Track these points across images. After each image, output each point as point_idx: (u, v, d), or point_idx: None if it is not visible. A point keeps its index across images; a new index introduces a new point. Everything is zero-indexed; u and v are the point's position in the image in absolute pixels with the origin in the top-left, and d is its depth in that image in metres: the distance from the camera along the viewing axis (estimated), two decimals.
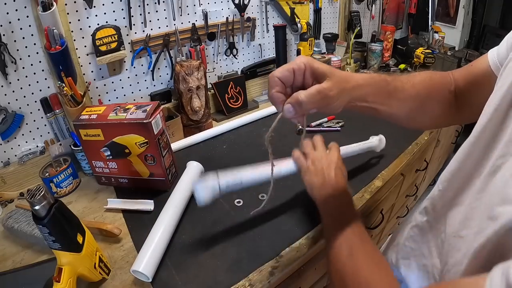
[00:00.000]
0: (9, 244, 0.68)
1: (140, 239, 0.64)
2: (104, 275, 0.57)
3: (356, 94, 0.43)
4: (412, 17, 1.91)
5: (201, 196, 0.55)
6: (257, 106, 1.29)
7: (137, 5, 0.97)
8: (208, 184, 0.55)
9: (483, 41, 2.05)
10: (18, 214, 0.71)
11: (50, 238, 0.47)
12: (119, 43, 0.94)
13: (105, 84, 0.99)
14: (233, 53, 1.25)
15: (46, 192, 0.46)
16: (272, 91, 0.40)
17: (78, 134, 0.75)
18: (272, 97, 0.41)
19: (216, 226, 0.68)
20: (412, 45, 1.72)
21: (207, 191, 0.55)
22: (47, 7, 0.75)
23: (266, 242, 0.64)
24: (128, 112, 0.73)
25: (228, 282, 0.56)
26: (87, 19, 0.89)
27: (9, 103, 0.82)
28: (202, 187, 0.55)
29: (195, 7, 1.10)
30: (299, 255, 0.62)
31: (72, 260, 0.51)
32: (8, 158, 0.85)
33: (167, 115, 1.04)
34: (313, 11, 1.49)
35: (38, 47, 0.82)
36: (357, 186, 0.79)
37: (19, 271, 0.60)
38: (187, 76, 1.00)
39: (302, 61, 0.41)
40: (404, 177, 1.03)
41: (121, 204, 0.75)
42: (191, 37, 1.10)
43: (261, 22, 1.31)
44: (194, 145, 1.01)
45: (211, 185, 0.55)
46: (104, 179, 0.82)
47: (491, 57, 0.48)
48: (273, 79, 0.41)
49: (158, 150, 0.74)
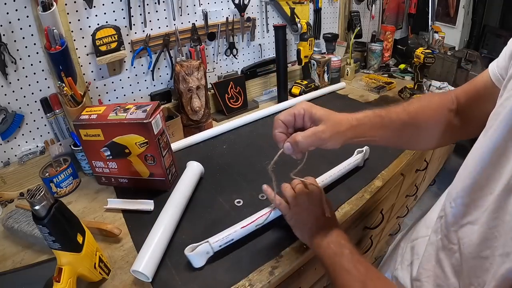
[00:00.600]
0: (9, 244, 0.68)
1: (140, 239, 0.64)
2: (104, 275, 0.57)
3: (351, 135, 0.49)
4: (412, 17, 1.91)
5: (196, 263, 0.58)
6: (257, 106, 1.29)
7: (137, 5, 0.97)
8: (200, 251, 0.58)
9: (483, 41, 2.04)
10: (18, 214, 0.71)
11: (50, 238, 0.47)
12: (119, 43, 0.94)
13: (105, 84, 0.99)
14: (233, 53, 1.25)
15: (46, 192, 0.46)
16: (275, 131, 0.49)
17: (78, 134, 0.75)
18: (275, 136, 0.50)
19: (216, 226, 0.68)
20: (412, 45, 1.72)
21: (201, 258, 0.59)
22: (47, 7, 0.75)
23: (266, 242, 0.64)
24: (128, 112, 0.73)
25: (228, 282, 0.56)
26: (87, 19, 0.89)
27: (9, 103, 0.82)
28: (195, 256, 0.58)
29: (195, 7, 1.10)
30: (299, 255, 0.62)
31: (72, 260, 0.50)
32: (8, 158, 0.85)
33: (167, 115, 1.04)
34: (313, 11, 1.49)
35: (38, 47, 0.82)
36: (357, 186, 0.79)
37: (19, 271, 0.60)
38: (187, 76, 1.00)
39: (302, 107, 0.48)
40: (404, 177, 1.03)
41: (121, 204, 0.75)
42: (191, 37, 1.10)
43: (261, 22, 1.31)
44: (194, 145, 1.01)
45: (204, 251, 0.58)
46: (104, 179, 0.82)
47: (492, 69, 0.49)
48: (277, 121, 0.49)
49: (158, 150, 0.74)
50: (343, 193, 0.77)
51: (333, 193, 0.77)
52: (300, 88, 1.34)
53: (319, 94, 1.34)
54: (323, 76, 1.41)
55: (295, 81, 1.39)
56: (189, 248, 0.58)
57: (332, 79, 1.46)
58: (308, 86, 1.35)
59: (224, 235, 0.60)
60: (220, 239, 0.59)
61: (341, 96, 1.37)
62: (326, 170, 0.85)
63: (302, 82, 1.36)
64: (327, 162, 0.88)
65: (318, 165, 0.86)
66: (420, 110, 0.56)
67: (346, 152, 0.91)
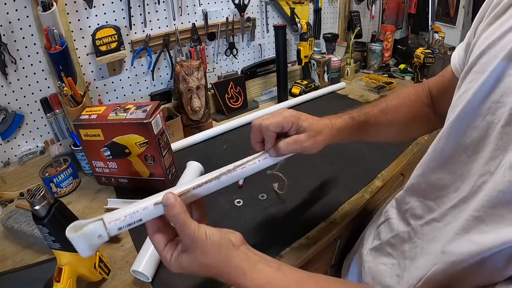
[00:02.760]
0: (9, 244, 0.68)
1: (140, 239, 0.64)
2: (104, 275, 0.57)
3: (331, 141, 0.53)
4: (412, 17, 1.91)
5: (81, 249, 0.37)
6: (257, 106, 1.29)
7: (137, 5, 0.97)
8: (88, 232, 0.37)
9: None
10: (18, 214, 0.71)
11: (50, 238, 0.47)
12: (119, 43, 0.93)
13: (105, 84, 0.99)
14: (233, 53, 1.25)
15: (46, 192, 0.46)
16: (268, 144, 0.48)
17: (78, 134, 0.75)
18: (264, 145, 0.50)
19: (216, 226, 0.68)
20: (412, 45, 1.72)
21: (90, 243, 0.37)
22: (47, 7, 0.75)
23: (266, 242, 0.64)
24: (128, 112, 0.73)
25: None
26: (87, 19, 0.89)
27: (9, 103, 0.82)
28: (80, 239, 0.36)
29: (195, 7, 1.10)
30: (299, 255, 0.62)
31: (72, 260, 0.51)
32: (8, 158, 0.85)
33: (167, 115, 1.04)
34: (313, 11, 1.49)
35: (38, 47, 0.82)
36: (357, 186, 0.79)
37: (19, 271, 0.60)
38: (187, 76, 1.00)
39: (291, 120, 0.48)
40: (404, 177, 1.03)
41: (121, 204, 0.75)
42: (191, 37, 1.10)
43: (261, 22, 1.31)
44: (194, 145, 1.01)
45: (94, 233, 0.37)
46: (104, 179, 0.82)
47: (453, 60, 0.51)
48: (269, 133, 0.48)
49: (158, 150, 0.74)
50: (343, 193, 0.77)
51: (333, 193, 0.77)
52: (300, 88, 1.34)
53: (319, 94, 1.34)
54: (323, 76, 1.41)
55: (295, 81, 1.39)
56: (72, 227, 0.37)
57: (332, 79, 1.46)
58: (308, 86, 1.35)
59: (127, 212, 0.39)
60: (120, 218, 0.38)
61: (341, 96, 1.37)
62: (326, 170, 0.85)
63: (302, 82, 1.36)
64: (327, 162, 0.88)
65: (318, 165, 0.87)
66: (398, 107, 0.59)
67: (346, 152, 0.91)
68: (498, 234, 0.30)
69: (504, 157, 0.32)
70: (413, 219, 0.48)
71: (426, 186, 0.45)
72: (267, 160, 0.49)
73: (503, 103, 0.32)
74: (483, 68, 0.36)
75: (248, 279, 0.38)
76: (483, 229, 0.32)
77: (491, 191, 0.32)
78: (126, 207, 0.40)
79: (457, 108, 0.38)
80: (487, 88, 0.35)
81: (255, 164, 0.48)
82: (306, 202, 0.75)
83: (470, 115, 0.37)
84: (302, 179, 0.81)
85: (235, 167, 0.46)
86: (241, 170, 0.46)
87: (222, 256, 0.38)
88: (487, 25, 0.39)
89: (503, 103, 0.32)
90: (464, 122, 0.38)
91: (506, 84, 0.33)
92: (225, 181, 0.45)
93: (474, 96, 0.36)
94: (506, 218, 0.30)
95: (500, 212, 0.30)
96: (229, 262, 0.38)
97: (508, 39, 0.34)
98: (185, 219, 0.38)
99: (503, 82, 0.33)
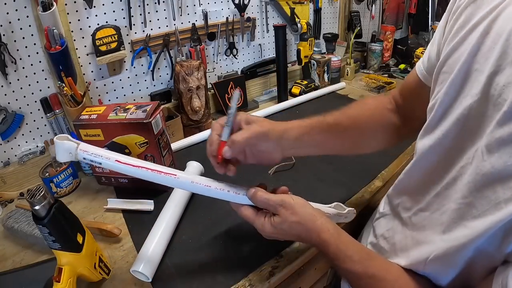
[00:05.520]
0: (9, 244, 0.68)
1: (140, 239, 0.64)
2: (104, 275, 0.57)
3: (288, 135, 0.51)
4: (412, 17, 1.91)
5: (57, 154, 0.48)
6: (257, 106, 1.29)
7: (137, 5, 0.97)
8: (64, 143, 0.48)
9: None
10: (18, 214, 0.71)
11: (50, 238, 0.47)
12: (119, 43, 0.94)
13: (105, 84, 0.99)
14: (233, 53, 1.25)
15: (46, 192, 0.46)
16: None
17: (78, 134, 0.75)
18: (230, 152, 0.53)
19: (216, 226, 0.68)
20: (412, 45, 1.72)
21: (63, 152, 0.48)
22: (47, 7, 0.75)
23: (266, 242, 0.64)
24: (128, 112, 0.73)
25: (228, 282, 0.56)
26: (87, 19, 0.89)
27: (9, 103, 0.82)
28: (57, 145, 0.47)
29: (195, 7, 1.10)
30: (299, 255, 0.62)
31: (72, 260, 0.50)
32: (8, 158, 0.85)
33: (167, 115, 1.04)
34: (313, 11, 1.49)
35: (38, 47, 0.82)
36: (357, 186, 0.79)
37: (19, 271, 0.60)
38: (187, 76, 1.00)
39: (256, 136, 0.50)
40: None
41: (121, 204, 0.75)
42: (191, 37, 1.10)
43: (261, 22, 1.31)
44: (194, 145, 1.01)
45: (68, 148, 0.48)
46: (104, 179, 0.82)
47: (418, 68, 0.52)
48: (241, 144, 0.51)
49: (158, 150, 0.74)
50: (343, 193, 0.77)
51: (333, 193, 0.77)
52: (300, 88, 1.34)
53: (319, 94, 1.34)
54: (323, 76, 1.41)
55: (295, 81, 1.39)
56: (61, 136, 0.48)
57: (332, 79, 1.46)
58: (308, 86, 1.36)
59: (97, 152, 0.49)
60: (89, 151, 0.48)
61: (341, 96, 1.37)
62: (326, 170, 0.85)
63: (302, 82, 1.36)
64: (327, 162, 0.88)
65: (318, 165, 0.87)
66: (359, 111, 0.59)
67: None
68: (487, 216, 0.32)
69: (478, 142, 0.35)
70: (404, 212, 0.50)
71: (410, 181, 0.49)
72: (236, 196, 0.53)
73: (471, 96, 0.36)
74: (451, 68, 0.39)
75: (331, 234, 0.46)
76: (474, 214, 0.34)
77: (473, 175, 0.34)
78: (99, 149, 0.49)
79: (433, 108, 0.41)
80: (456, 85, 0.38)
81: (220, 191, 0.54)
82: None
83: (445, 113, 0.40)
84: (302, 179, 0.81)
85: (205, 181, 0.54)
86: (205, 187, 0.54)
87: (308, 215, 0.47)
88: (451, 27, 0.41)
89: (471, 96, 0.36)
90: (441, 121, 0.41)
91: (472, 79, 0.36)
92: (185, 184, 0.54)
93: (446, 94, 0.39)
94: (492, 198, 0.32)
95: (486, 193, 0.33)
96: (315, 221, 0.47)
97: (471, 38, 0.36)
98: (268, 194, 0.48)
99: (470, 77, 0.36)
